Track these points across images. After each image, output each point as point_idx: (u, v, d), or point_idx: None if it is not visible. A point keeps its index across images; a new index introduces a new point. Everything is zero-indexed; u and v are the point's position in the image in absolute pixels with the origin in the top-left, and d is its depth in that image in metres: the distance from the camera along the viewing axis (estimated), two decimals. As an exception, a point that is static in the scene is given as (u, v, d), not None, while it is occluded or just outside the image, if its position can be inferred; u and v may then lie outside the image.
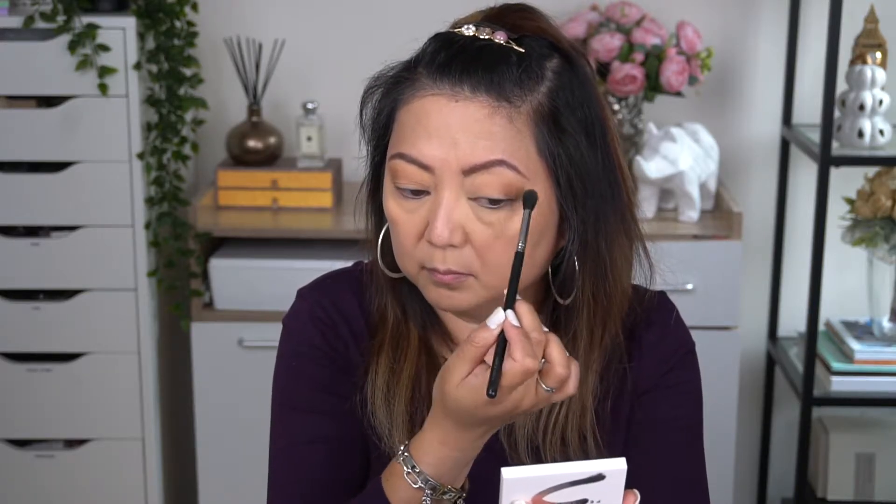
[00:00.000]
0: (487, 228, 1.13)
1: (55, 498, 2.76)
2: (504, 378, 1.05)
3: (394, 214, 1.17)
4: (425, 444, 1.13)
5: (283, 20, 2.93)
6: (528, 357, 1.05)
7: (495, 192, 1.12)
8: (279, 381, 1.30)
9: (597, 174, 1.17)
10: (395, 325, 1.27)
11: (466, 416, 1.09)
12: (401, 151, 1.15)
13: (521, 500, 1.03)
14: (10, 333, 2.70)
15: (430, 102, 1.13)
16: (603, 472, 1.02)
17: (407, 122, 1.15)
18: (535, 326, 1.07)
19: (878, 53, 2.71)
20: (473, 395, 1.07)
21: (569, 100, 1.15)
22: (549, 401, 1.10)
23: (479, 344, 1.07)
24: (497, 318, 1.07)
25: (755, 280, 3.01)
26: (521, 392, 1.07)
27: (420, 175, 1.14)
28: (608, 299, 1.21)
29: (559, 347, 1.08)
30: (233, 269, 2.67)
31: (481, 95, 1.12)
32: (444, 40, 1.16)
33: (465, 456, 1.14)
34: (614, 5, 2.80)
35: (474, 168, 1.12)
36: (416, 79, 1.15)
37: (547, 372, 1.08)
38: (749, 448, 3.11)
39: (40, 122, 2.61)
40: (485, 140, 1.12)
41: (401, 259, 1.19)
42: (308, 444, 1.26)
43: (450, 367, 1.09)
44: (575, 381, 1.10)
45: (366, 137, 1.23)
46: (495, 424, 1.12)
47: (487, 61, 1.13)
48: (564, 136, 1.14)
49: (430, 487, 1.14)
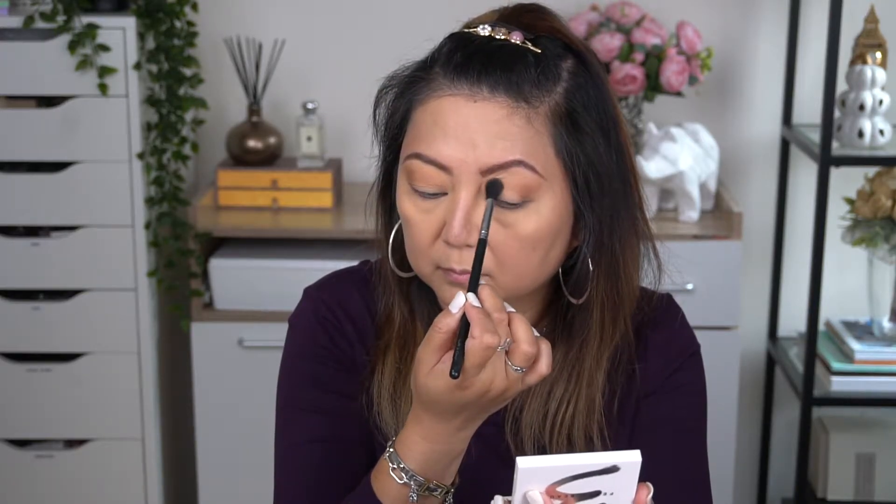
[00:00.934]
0: (504, 228, 1.13)
1: (55, 498, 2.76)
2: (467, 357, 1.05)
3: (409, 214, 1.17)
4: (408, 440, 1.13)
5: (283, 20, 2.93)
6: (486, 333, 1.05)
7: (513, 193, 1.12)
8: (284, 381, 1.30)
9: (612, 174, 1.17)
10: (401, 325, 1.27)
11: (440, 405, 1.09)
12: (417, 151, 1.14)
13: (534, 490, 1.03)
14: (10, 333, 2.70)
15: (448, 103, 1.13)
16: (617, 464, 1.02)
17: (423, 123, 1.15)
18: (498, 307, 1.07)
19: (878, 53, 2.71)
20: (443, 382, 1.07)
21: (585, 100, 1.15)
22: (523, 383, 1.09)
23: (443, 329, 1.06)
24: (458, 301, 1.07)
25: (755, 280, 3.01)
26: (490, 373, 1.07)
27: (437, 175, 1.14)
28: (620, 298, 1.21)
29: (525, 325, 1.08)
30: (233, 269, 2.67)
31: (500, 96, 1.12)
32: (460, 40, 1.16)
33: (450, 449, 1.13)
34: (614, 5, 2.80)
35: (493, 168, 1.12)
36: (432, 79, 1.15)
37: (513, 351, 1.07)
38: (749, 448, 3.11)
39: (40, 122, 2.61)
40: (503, 140, 1.12)
41: (415, 259, 1.19)
42: (313, 443, 1.26)
43: (419, 357, 1.09)
44: (547, 361, 1.09)
45: (378, 137, 1.23)
46: (473, 413, 1.11)
47: (505, 61, 1.13)
48: (582, 136, 1.14)
49: (416, 483, 1.13)
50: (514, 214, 1.13)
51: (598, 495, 1.04)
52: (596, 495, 1.04)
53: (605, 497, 1.04)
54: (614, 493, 1.04)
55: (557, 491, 1.03)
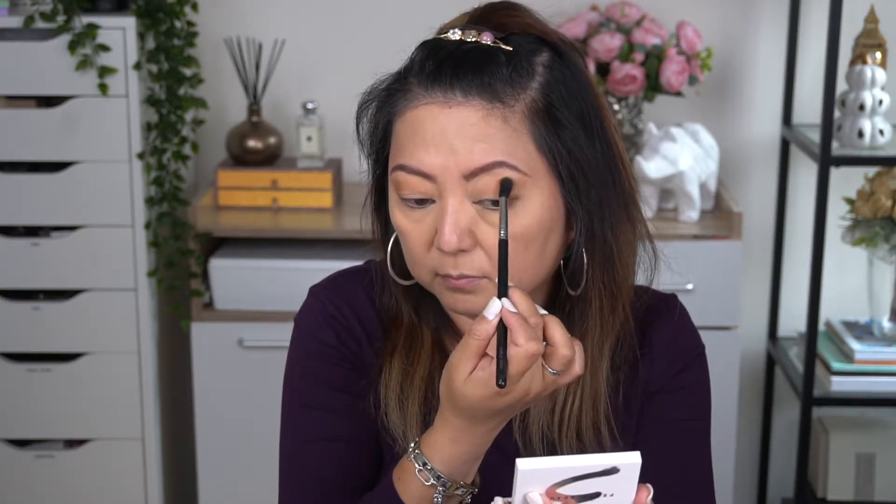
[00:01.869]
0: (494, 229, 1.13)
1: (55, 498, 2.76)
2: (511, 365, 1.05)
3: (402, 225, 1.17)
4: (436, 442, 1.13)
5: (283, 20, 2.93)
6: (531, 341, 1.05)
7: (497, 193, 1.12)
8: (291, 380, 1.30)
9: (597, 164, 1.17)
10: (408, 326, 1.27)
11: (478, 411, 1.09)
12: (401, 163, 1.15)
13: (534, 491, 1.03)
14: (10, 333, 2.70)
15: (424, 112, 1.13)
16: (617, 466, 1.02)
17: (404, 134, 1.15)
18: (532, 311, 1.07)
19: (878, 53, 2.71)
20: (482, 389, 1.07)
21: (562, 93, 1.15)
22: (556, 384, 1.10)
23: (481, 336, 1.06)
24: (493, 308, 1.07)
25: (755, 280, 3.01)
26: (529, 378, 1.07)
27: (422, 184, 1.14)
28: (618, 287, 1.21)
29: (560, 328, 1.08)
30: (233, 269, 2.67)
31: (474, 99, 1.12)
32: (431, 48, 1.16)
33: (477, 451, 1.14)
34: (614, 5, 2.80)
35: (475, 171, 1.12)
36: (407, 89, 1.15)
37: (551, 354, 1.08)
38: (749, 448, 3.11)
39: (40, 122, 2.61)
40: (482, 143, 1.12)
41: (413, 268, 1.19)
42: (321, 442, 1.26)
43: (454, 363, 1.08)
44: (580, 362, 1.10)
45: (365, 152, 1.23)
46: (507, 415, 1.12)
47: (476, 64, 1.13)
48: (561, 130, 1.14)
49: (442, 484, 1.14)
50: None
51: (599, 496, 1.04)
52: (596, 496, 1.04)
53: (605, 498, 1.04)
54: (614, 495, 1.04)
55: (557, 492, 1.03)
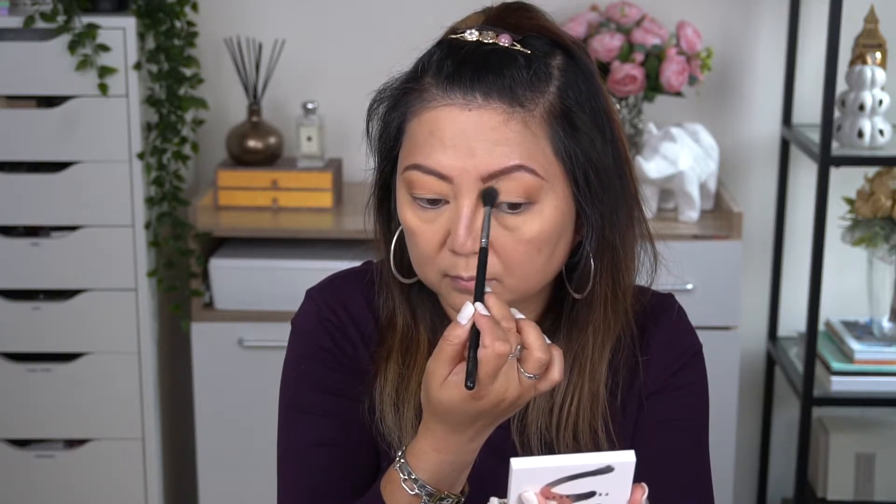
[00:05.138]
0: (508, 233, 1.13)
1: (55, 498, 2.76)
2: (480, 367, 1.05)
3: (412, 225, 1.16)
4: (420, 451, 1.13)
5: (283, 20, 2.93)
6: (497, 341, 1.05)
7: (515, 197, 1.12)
8: (287, 383, 1.29)
9: (610, 168, 1.17)
10: (404, 330, 1.27)
11: (455, 417, 1.09)
12: (416, 162, 1.14)
13: (529, 491, 1.03)
14: (10, 333, 2.70)
15: (443, 113, 1.12)
16: (612, 465, 1.02)
17: (419, 133, 1.14)
18: (506, 314, 1.07)
19: (878, 53, 2.71)
20: (457, 393, 1.07)
21: (578, 97, 1.15)
22: (536, 390, 1.09)
23: (454, 341, 1.07)
24: (467, 312, 1.07)
25: (755, 280, 3.01)
26: (504, 382, 1.07)
27: (437, 185, 1.13)
28: (622, 290, 1.22)
29: (536, 332, 1.08)
30: (233, 269, 2.67)
31: (494, 102, 1.12)
32: (449, 47, 1.15)
33: (462, 459, 1.13)
34: (614, 5, 2.80)
35: (493, 174, 1.11)
36: (424, 89, 1.14)
37: (526, 358, 1.08)
38: (749, 448, 3.11)
39: (40, 122, 2.61)
40: (502, 146, 1.11)
41: (421, 268, 1.19)
42: (317, 446, 1.25)
43: (430, 370, 1.08)
44: (559, 367, 1.09)
45: (373, 150, 1.22)
46: (488, 422, 1.11)
47: (496, 66, 1.12)
48: (578, 134, 1.14)
49: (427, 494, 1.14)
50: (517, 218, 1.13)
51: (594, 496, 1.04)
52: (591, 496, 1.04)
53: (600, 497, 1.04)
54: (609, 494, 1.04)
55: (552, 492, 1.03)
